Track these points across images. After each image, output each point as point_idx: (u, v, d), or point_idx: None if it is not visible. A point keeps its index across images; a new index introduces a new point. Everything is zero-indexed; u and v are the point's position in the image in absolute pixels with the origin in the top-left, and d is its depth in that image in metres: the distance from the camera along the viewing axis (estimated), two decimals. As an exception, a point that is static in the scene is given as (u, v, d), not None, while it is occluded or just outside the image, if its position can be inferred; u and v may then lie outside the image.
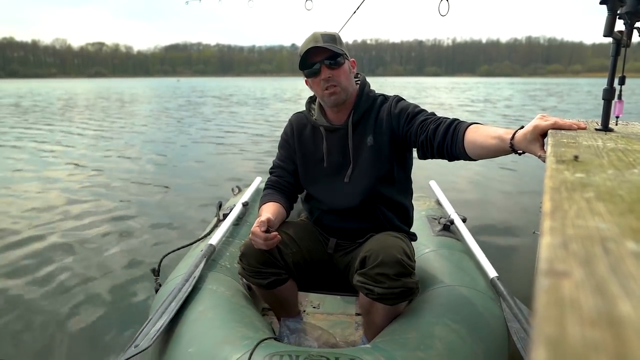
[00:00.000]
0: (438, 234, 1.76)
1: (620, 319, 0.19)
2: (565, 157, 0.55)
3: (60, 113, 13.85)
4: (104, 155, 6.17)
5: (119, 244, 2.80)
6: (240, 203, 2.05)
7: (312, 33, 1.33)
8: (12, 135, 8.29)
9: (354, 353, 1.00)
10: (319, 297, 1.63)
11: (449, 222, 1.85)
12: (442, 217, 1.91)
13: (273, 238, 1.21)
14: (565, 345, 0.17)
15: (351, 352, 1.01)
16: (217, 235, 1.67)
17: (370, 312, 1.23)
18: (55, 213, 3.44)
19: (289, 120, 1.51)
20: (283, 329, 1.42)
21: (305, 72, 1.33)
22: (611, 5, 0.83)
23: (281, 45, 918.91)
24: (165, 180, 4.66)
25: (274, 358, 0.97)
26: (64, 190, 4.18)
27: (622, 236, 0.28)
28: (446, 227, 1.81)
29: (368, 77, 1.48)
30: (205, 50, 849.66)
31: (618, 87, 0.90)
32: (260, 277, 1.29)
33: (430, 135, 1.18)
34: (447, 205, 2.13)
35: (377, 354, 1.00)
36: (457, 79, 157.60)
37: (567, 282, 0.22)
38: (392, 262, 1.11)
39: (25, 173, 5.02)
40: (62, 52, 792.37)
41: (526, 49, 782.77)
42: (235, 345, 1.03)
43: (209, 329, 1.13)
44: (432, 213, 2.01)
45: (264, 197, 1.43)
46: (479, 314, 1.22)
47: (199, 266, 1.43)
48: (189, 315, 1.21)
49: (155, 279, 1.57)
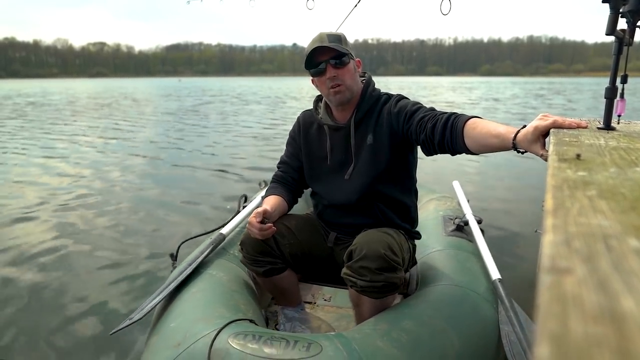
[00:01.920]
0: (450, 234, 1.76)
1: (622, 314, 0.19)
2: (568, 155, 0.55)
3: (96, 110, 14.89)
4: (142, 145, 6.88)
5: (150, 232, 3.03)
6: (260, 197, 2.11)
7: (318, 33, 1.35)
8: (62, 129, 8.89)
9: (314, 338, 1.06)
10: (331, 290, 1.70)
11: (463, 222, 1.85)
12: (457, 217, 1.92)
13: (268, 229, 1.28)
14: (568, 341, 0.17)
15: (312, 337, 1.07)
16: (230, 225, 1.77)
17: (358, 305, 1.28)
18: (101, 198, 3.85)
19: (297, 117, 1.56)
20: (280, 317, 1.51)
21: (311, 71, 1.36)
22: (613, 4, 0.83)
23: (282, 45, 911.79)
24: (206, 176, 4.86)
25: (238, 336, 1.05)
26: (117, 178, 4.68)
27: (624, 233, 0.28)
28: (459, 227, 1.82)
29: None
30: (206, 50, 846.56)
31: (620, 85, 0.89)
32: (257, 265, 1.39)
33: (429, 134, 1.19)
34: (465, 205, 2.15)
35: (336, 340, 1.05)
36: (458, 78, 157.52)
37: (569, 279, 0.22)
38: (374, 256, 1.14)
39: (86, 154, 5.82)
40: (64, 52, 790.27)
41: (528, 49, 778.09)
42: (209, 323, 1.11)
43: (193, 307, 1.23)
44: (449, 213, 2.01)
45: (268, 190, 1.51)
46: (469, 314, 1.23)
47: (204, 252, 1.52)
48: (182, 295, 1.31)
49: (173, 263, 1.71)
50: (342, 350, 1.01)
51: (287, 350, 1.01)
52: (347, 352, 1.01)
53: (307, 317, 1.55)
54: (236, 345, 1.03)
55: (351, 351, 1.01)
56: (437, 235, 1.76)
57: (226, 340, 1.04)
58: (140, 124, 10.30)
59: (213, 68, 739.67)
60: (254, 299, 1.41)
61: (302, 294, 1.67)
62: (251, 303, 1.35)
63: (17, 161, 5.65)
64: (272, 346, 1.02)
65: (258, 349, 1.01)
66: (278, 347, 1.01)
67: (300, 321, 1.51)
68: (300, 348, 1.01)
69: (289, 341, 1.03)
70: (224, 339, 1.05)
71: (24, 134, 8.33)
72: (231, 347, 1.02)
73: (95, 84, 73.92)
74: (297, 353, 1.00)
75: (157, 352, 1.11)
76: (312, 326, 1.51)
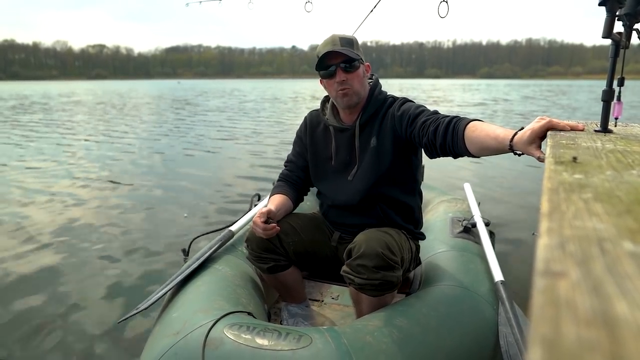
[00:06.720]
0: (457, 236, 1.77)
1: (615, 318, 0.19)
2: (564, 158, 0.55)
3: (118, 110, 15.52)
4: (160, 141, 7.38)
5: (166, 228, 3.15)
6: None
7: (331, 35, 1.37)
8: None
9: (305, 331, 1.09)
10: (339, 288, 1.73)
11: (471, 224, 1.86)
12: (465, 219, 1.93)
13: (271, 229, 1.32)
14: (560, 345, 0.17)
15: (304, 330, 1.10)
16: (240, 223, 1.82)
17: (358, 302, 1.31)
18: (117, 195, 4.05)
19: (305, 117, 1.59)
20: (284, 313, 1.54)
21: (321, 73, 1.38)
22: (610, 7, 0.83)
23: (281, 47, 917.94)
24: (223, 174, 5.04)
25: (234, 327, 1.09)
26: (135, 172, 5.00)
27: (619, 237, 0.28)
28: (466, 229, 1.82)
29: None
30: (205, 52, 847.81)
31: (617, 88, 0.90)
32: (261, 262, 1.43)
33: (431, 138, 1.20)
34: (474, 207, 2.15)
35: (327, 333, 1.09)
36: (457, 80, 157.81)
37: (563, 283, 0.22)
38: (372, 254, 1.16)
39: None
40: (63, 54, 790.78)
41: (526, 51, 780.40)
42: (208, 314, 1.16)
43: (195, 299, 1.28)
44: (458, 215, 2.02)
45: (274, 189, 1.55)
46: (466, 314, 1.24)
47: (212, 248, 1.57)
48: (187, 288, 1.37)
49: (184, 258, 1.78)
50: (331, 343, 1.05)
51: (279, 341, 1.05)
52: (335, 345, 1.04)
53: (311, 313, 1.58)
54: (230, 335, 1.07)
55: (340, 345, 1.04)
56: (443, 237, 1.76)
57: (222, 330, 1.08)
58: (158, 123, 10.65)
59: (212, 70, 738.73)
60: (257, 294, 1.45)
61: (311, 292, 1.70)
62: (253, 297, 1.38)
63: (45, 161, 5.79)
64: (264, 337, 1.06)
65: (251, 339, 1.05)
66: (270, 338, 1.05)
67: (303, 317, 1.54)
68: (291, 340, 1.05)
69: (281, 333, 1.07)
70: (219, 329, 1.09)
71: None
72: (225, 336, 1.06)
73: (95, 85, 74.52)
74: (287, 344, 1.04)
75: (158, 340, 1.16)
76: (315, 323, 1.54)
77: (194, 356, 1.03)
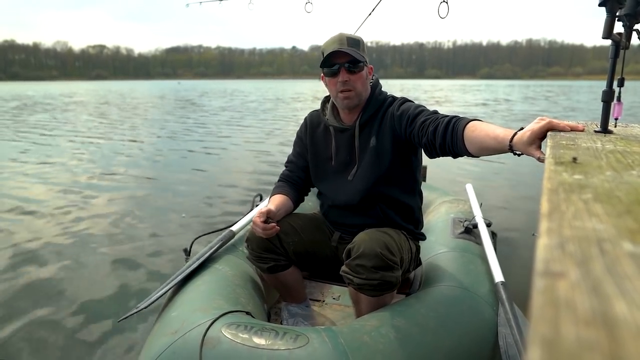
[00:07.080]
0: (458, 236, 1.77)
1: (615, 319, 0.19)
2: (564, 158, 0.55)
3: (122, 110, 15.77)
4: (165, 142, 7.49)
5: (168, 228, 3.16)
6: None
7: (338, 33, 1.37)
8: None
9: (302, 331, 1.10)
10: (340, 289, 1.74)
11: (472, 225, 1.86)
12: (466, 220, 1.92)
13: (271, 229, 1.32)
14: (559, 346, 0.17)
15: (301, 330, 1.11)
16: (241, 223, 1.83)
17: (357, 302, 1.31)
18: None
19: (305, 118, 1.59)
20: (284, 313, 1.55)
21: (324, 70, 1.38)
22: (610, 7, 0.83)
23: (282, 48, 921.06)
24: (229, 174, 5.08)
25: (231, 326, 1.10)
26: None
27: (618, 237, 0.28)
28: (468, 230, 1.82)
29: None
30: (206, 53, 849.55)
31: (617, 89, 0.90)
32: (261, 262, 1.44)
33: (430, 137, 1.20)
34: (476, 208, 2.15)
35: (324, 333, 1.09)
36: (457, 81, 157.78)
37: (562, 283, 0.22)
38: (371, 255, 1.16)
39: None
40: (63, 54, 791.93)
41: (527, 52, 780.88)
42: (206, 313, 1.17)
43: (194, 298, 1.29)
44: (460, 216, 2.02)
45: (275, 189, 1.55)
46: (465, 315, 1.24)
47: (213, 248, 1.58)
48: (187, 287, 1.37)
49: (186, 258, 1.78)
50: (328, 343, 1.05)
51: (276, 340, 1.05)
52: (332, 345, 1.04)
53: (311, 313, 1.59)
54: (228, 334, 1.07)
55: (336, 344, 1.05)
56: (444, 237, 1.76)
57: (219, 329, 1.09)
58: (160, 124, 10.70)
59: (212, 70, 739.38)
60: (257, 294, 1.45)
61: (312, 292, 1.70)
62: (253, 297, 1.39)
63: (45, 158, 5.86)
64: (261, 336, 1.06)
65: (248, 338, 1.06)
66: (267, 338, 1.06)
67: (303, 317, 1.54)
68: (288, 339, 1.05)
69: (278, 332, 1.08)
70: (217, 328, 1.09)
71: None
72: (223, 335, 1.07)
73: (96, 86, 74.68)
74: (284, 344, 1.04)
75: (156, 338, 1.16)
76: (316, 323, 1.54)
77: (192, 355, 1.04)
